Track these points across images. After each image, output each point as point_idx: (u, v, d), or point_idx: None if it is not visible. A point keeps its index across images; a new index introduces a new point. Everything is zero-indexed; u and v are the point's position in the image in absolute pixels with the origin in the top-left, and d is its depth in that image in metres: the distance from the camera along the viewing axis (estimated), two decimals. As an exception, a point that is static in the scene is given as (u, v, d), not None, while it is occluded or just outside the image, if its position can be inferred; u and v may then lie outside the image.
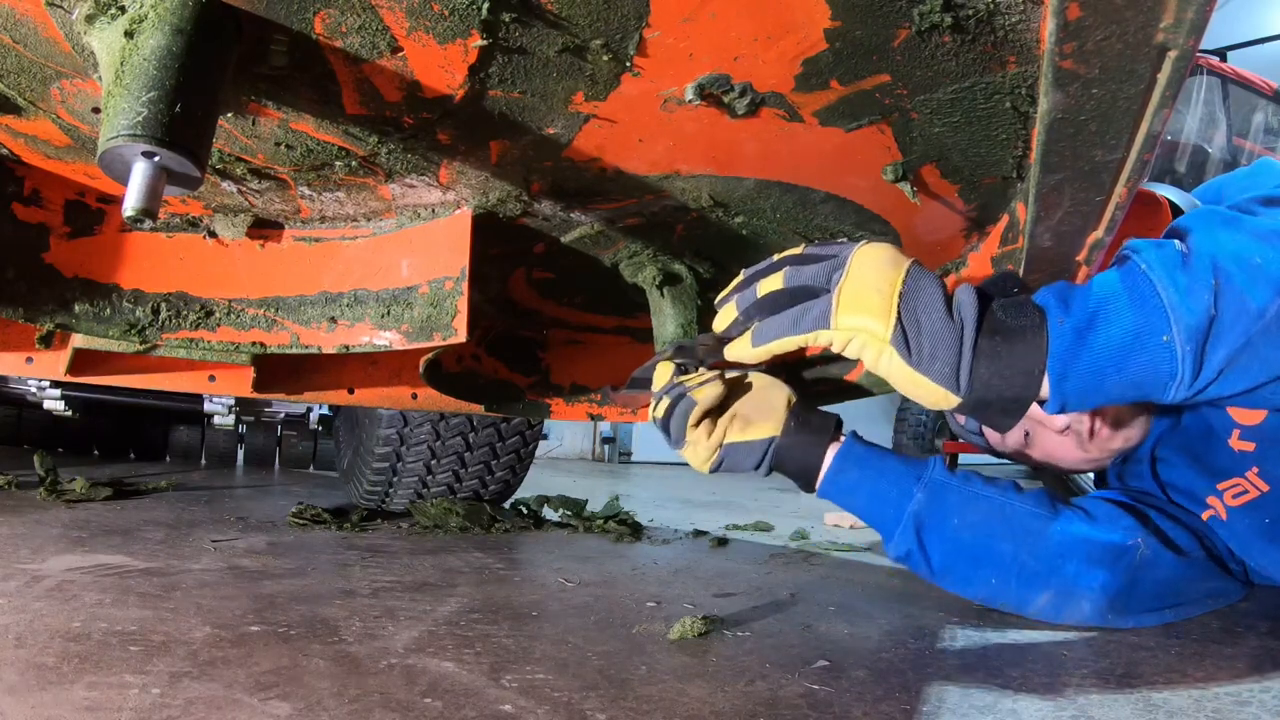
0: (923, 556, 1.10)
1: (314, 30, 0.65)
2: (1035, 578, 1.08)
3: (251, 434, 3.68)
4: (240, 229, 1.06)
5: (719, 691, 0.83)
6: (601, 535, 2.00)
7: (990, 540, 1.08)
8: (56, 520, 1.76)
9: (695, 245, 1.05)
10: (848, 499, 1.11)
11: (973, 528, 1.08)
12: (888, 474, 1.11)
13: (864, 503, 1.10)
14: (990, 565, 1.09)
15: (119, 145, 0.59)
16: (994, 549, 1.08)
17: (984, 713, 0.80)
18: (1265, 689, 0.89)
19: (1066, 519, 1.10)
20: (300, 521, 1.90)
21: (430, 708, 0.74)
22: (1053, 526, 1.09)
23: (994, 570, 1.09)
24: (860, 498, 1.10)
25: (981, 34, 0.62)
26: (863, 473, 1.09)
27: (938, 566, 1.10)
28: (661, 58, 0.66)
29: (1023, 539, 1.08)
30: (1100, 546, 1.08)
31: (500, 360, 1.49)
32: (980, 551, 1.09)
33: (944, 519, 1.08)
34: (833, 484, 1.09)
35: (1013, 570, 1.08)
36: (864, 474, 1.09)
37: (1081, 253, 0.72)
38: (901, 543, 1.09)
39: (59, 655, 0.84)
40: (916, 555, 1.10)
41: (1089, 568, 1.08)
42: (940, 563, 1.10)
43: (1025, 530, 1.08)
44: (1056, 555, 1.08)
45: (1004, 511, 1.10)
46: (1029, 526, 1.09)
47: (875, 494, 1.09)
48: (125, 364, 1.16)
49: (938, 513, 1.08)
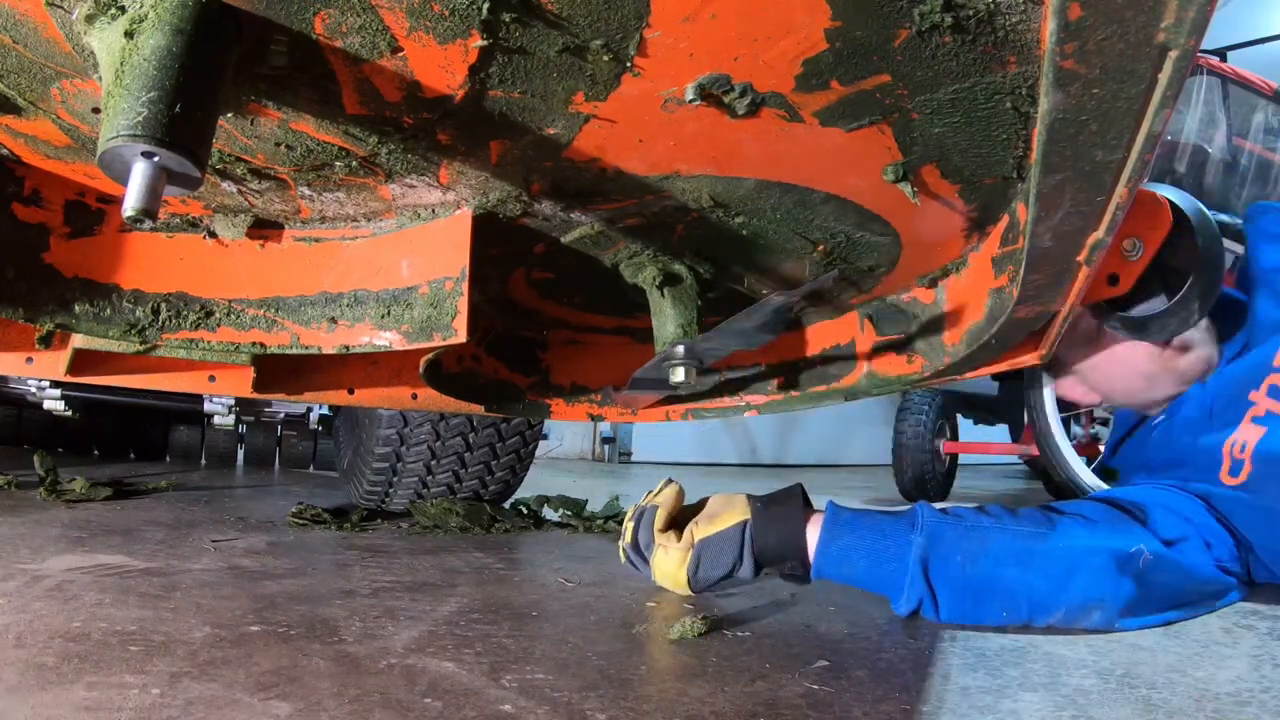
0: (932, 601, 1.08)
1: (314, 30, 0.65)
2: (1045, 599, 1.07)
3: (251, 434, 3.68)
4: (240, 229, 1.06)
5: (719, 691, 0.83)
6: (601, 535, 2.00)
7: (996, 569, 1.06)
8: (56, 520, 1.76)
9: (695, 245, 1.05)
10: (846, 567, 1.09)
11: (975, 560, 1.07)
12: (880, 529, 1.09)
13: (864, 566, 1.08)
14: (998, 596, 1.07)
15: (119, 145, 0.59)
16: (1000, 578, 1.07)
17: (984, 713, 0.80)
18: (1265, 689, 0.89)
19: (1065, 530, 1.09)
20: (300, 521, 1.90)
21: (430, 708, 0.74)
22: (1054, 543, 1.07)
23: (1003, 601, 1.07)
24: (859, 562, 1.08)
25: (982, 34, 0.62)
26: (855, 535, 1.08)
27: (946, 608, 1.08)
28: (662, 58, 0.66)
29: (1027, 562, 1.06)
30: (1104, 555, 1.07)
31: (500, 360, 1.49)
32: (986, 584, 1.07)
33: (948, 557, 1.07)
34: (825, 555, 1.08)
35: (1022, 597, 1.07)
36: (857, 536, 1.08)
37: (1082, 253, 0.72)
38: (912, 593, 1.07)
39: (59, 655, 0.84)
40: (928, 602, 1.08)
41: (1096, 579, 1.06)
42: (949, 604, 1.08)
43: (1028, 553, 1.07)
44: (1063, 571, 1.06)
45: (1002, 538, 1.08)
46: (1030, 549, 1.07)
47: (874, 553, 1.08)
48: (125, 364, 1.16)
49: (941, 552, 1.07)
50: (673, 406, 1.51)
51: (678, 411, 1.51)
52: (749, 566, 1.10)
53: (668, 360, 1.07)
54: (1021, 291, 0.81)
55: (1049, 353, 1.01)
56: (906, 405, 3.93)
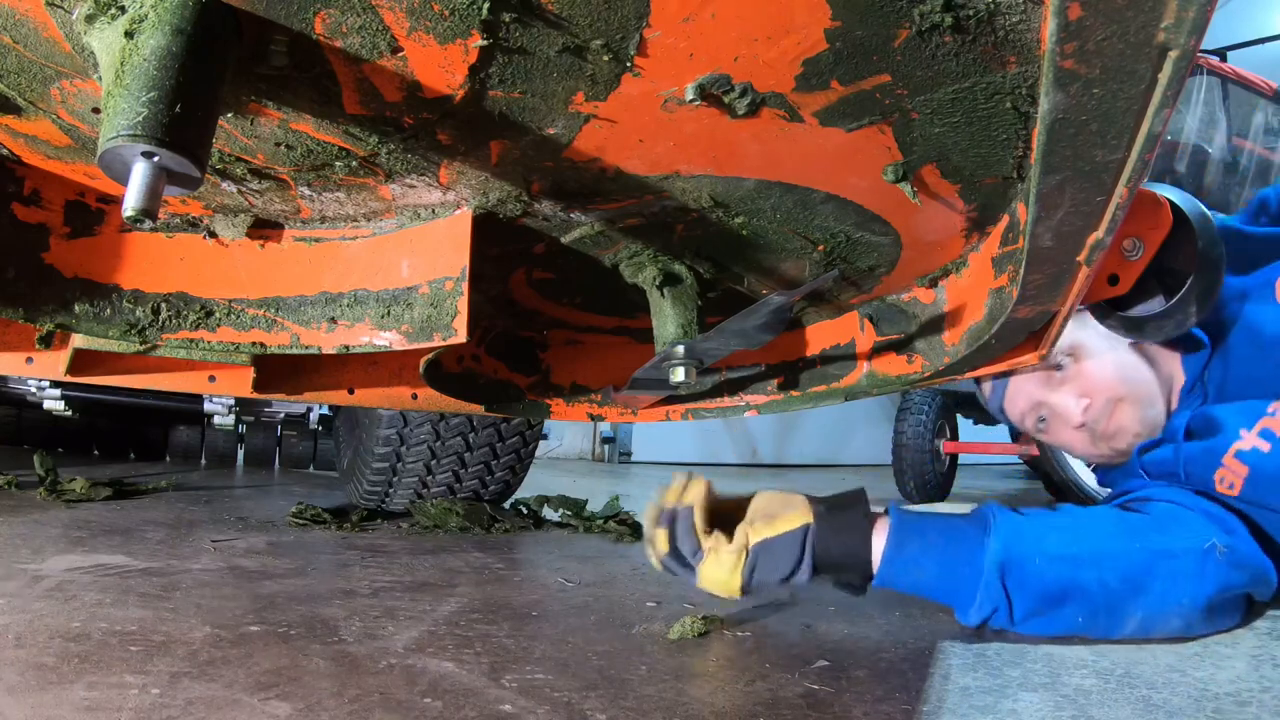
0: (1007, 608, 1.03)
1: (314, 30, 0.65)
2: (1122, 603, 1.02)
3: (251, 434, 3.68)
4: (240, 229, 1.06)
5: (719, 691, 0.83)
6: (601, 535, 2.00)
7: (1075, 572, 1.01)
8: (56, 520, 1.76)
9: (695, 245, 1.05)
10: (912, 576, 1.03)
11: (1054, 563, 1.01)
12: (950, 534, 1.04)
13: (933, 574, 1.03)
14: (1076, 600, 1.02)
15: (119, 145, 0.59)
16: (1078, 581, 1.02)
17: (984, 713, 0.80)
18: (1265, 689, 0.89)
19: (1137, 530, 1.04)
20: (300, 521, 1.90)
21: (430, 708, 0.74)
22: (1132, 544, 1.03)
23: (1081, 605, 1.02)
24: (928, 569, 1.03)
25: (982, 34, 0.62)
26: (924, 541, 1.03)
27: (1022, 615, 1.03)
28: (662, 58, 0.66)
29: (1106, 564, 1.02)
30: (1181, 556, 1.02)
31: (500, 360, 1.49)
32: (1063, 588, 1.02)
33: (1025, 562, 1.02)
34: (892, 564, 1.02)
35: (1100, 601, 1.02)
36: (925, 542, 1.03)
37: (1082, 253, 0.72)
38: (986, 601, 1.02)
39: (59, 655, 0.84)
40: (1002, 609, 1.02)
41: (1175, 583, 1.02)
42: (1025, 610, 1.03)
43: (1107, 554, 1.02)
44: (1142, 573, 1.02)
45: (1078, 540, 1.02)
46: (1110, 549, 1.02)
47: (945, 560, 1.03)
48: (125, 364, 1.16)
49: (1017, 556, 1.02)
50: (673, 406, 1.51)
51: (678, 411, 1.51)
52: (807, 571, 1.02)
53: (668, 360, 1.07)
54: (1021, 291, 0.81)
55: (1049, 353, 1.00)
56: (906, 405, 3.93)
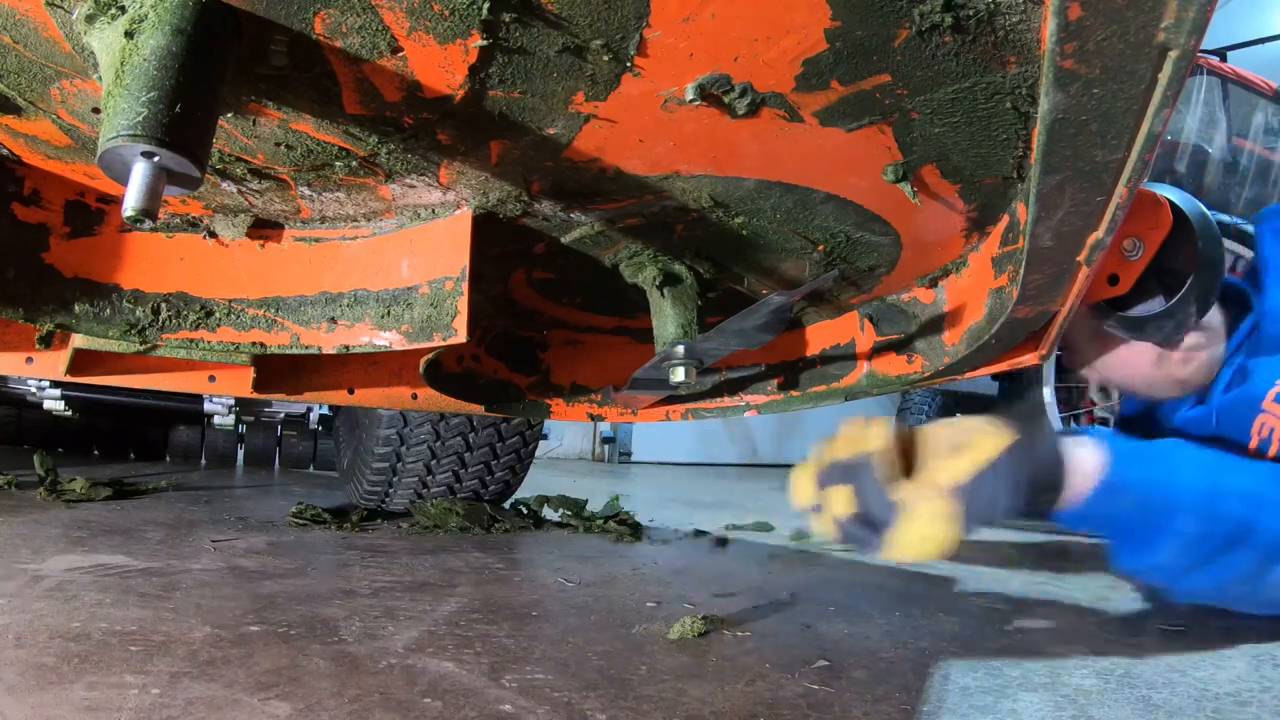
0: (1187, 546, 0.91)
1: (314, 30, 0.65)
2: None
3: (251, 434, 3.68)
4: (240, 229, 1.06)
5: (719, 691, 0.83)
6: (601, 535, 2.00)
7: (1255, 513, 0.91)
8: (56, 520, 1.76)
9: (695, 245, 1.05)
10: (1123, 503, 0.91)
11: (1236, 500, 0.92)
12: (1163, 460, 0.93)
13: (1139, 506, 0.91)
14: (1247, 546, 0.92)
15: (119, 145, 0.59)
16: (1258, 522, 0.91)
17: (984, 713, 0.80)
18: (1265, 689, 0.89)
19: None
20: (300, 521, 1.90)
21: (430, 708, 0.74)
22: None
23: (1255, 550, 0.92)
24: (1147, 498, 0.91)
25: (982, 34, 0.62)
26: (1140, 467, 0.92)
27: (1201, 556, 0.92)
28: (662, 58, 0.66)
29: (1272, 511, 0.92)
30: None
31: (500, 360, 1.49)
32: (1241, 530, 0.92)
33: (1217, 495, 0.92)
34: (1112, 488, 0.89)
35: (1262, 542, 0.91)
36: (1141, 467, 0.92)
37: (1082, 253, 0.72)
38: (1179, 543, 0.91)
39: (59, 655, 0.84)
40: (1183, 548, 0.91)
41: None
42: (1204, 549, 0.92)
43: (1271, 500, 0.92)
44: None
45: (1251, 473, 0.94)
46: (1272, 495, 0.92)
47: (1156, 492, 0.91)
48: (125, 364, 1.16)
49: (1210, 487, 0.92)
50: (673, 406, 1.51)
51: (678, 411, 1.51)
52: (1020, 501, 0.86)
53: (668, 360, 1.07)
54: (1021, 291, 0.81)
55: (1049, 353, 1.00)
56: (906, 405, 3.94)
